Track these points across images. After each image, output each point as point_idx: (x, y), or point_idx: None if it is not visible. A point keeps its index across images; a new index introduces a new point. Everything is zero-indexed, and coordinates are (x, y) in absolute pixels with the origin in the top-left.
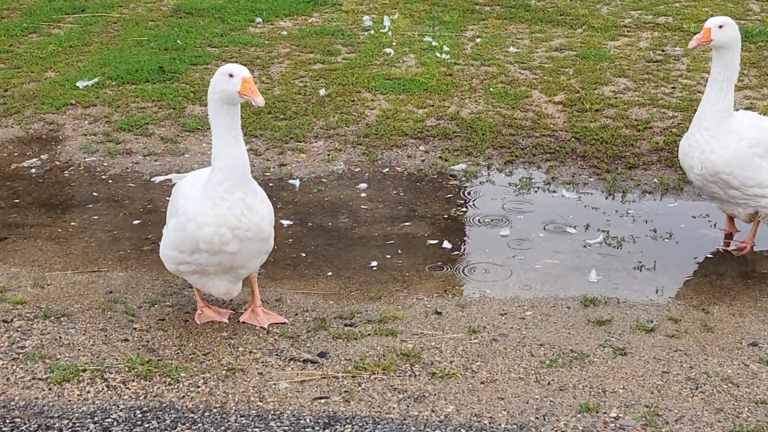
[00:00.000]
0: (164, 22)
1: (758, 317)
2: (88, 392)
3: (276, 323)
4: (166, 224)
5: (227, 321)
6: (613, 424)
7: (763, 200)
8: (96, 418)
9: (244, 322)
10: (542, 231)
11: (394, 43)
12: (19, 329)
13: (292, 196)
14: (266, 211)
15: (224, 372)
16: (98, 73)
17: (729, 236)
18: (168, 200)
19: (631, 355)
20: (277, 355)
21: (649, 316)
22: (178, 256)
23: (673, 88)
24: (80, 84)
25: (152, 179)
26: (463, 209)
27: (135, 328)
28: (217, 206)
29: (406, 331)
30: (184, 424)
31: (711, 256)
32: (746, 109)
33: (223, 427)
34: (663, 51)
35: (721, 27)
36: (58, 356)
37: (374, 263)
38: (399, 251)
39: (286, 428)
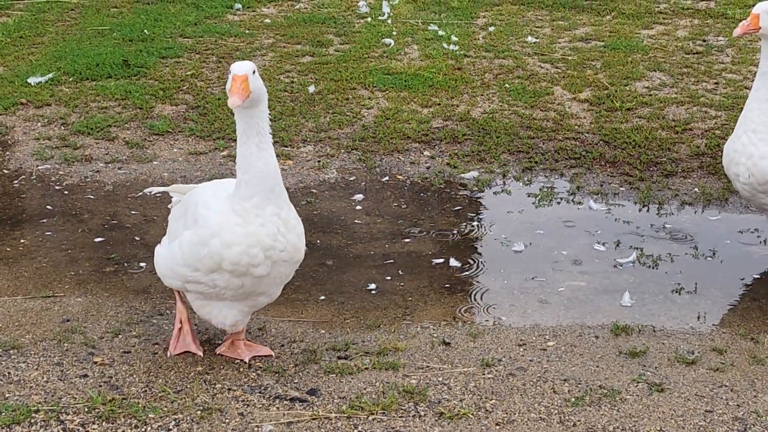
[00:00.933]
0: (129, 9)
1: None
2: None
3: (259, 356)
4: (168, 234)
5: (202, 355)
6: None
7: None
8: None
9: (221, 354)
10: (566, 248)
11: (394, 33)
12: None
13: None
14: (301, 228)
15: (199, 413)
16: (53, 67)
17: None
18: (135, 214)
19: (669, 391)
20: (260, 392)
21: (689, 346)
22: (190, 274)
23: (716, 83)
24: (32, 80)
25: (145, 191)
26: (475, 224)
27: (96, 362)
28: (249, 224)
29: (409, 365)
30: None
31: (761, 276)
32: None
33: None
34: (704, 41)
35: None
36: (7, 395)
37: (372, 286)
38: (400, 272)
39: None
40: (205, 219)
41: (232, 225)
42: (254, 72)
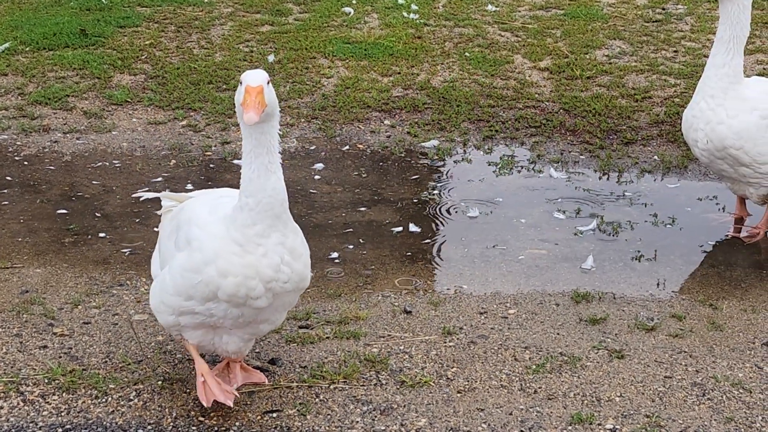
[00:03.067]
0: None
1: None
2: (1, 408)
3: (250, 383)
4: (159, 254)
5: (232, 405)
6: None
7: None
8: None
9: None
10: (527, 217)
11: (354, 1)
12: None
13: (238, 179)
14: (307, 253)
15: (160, 383)
16: (9, 37)
17: (740, 221)
18: (95, 184)
19: (629, 357)
20: (220, 362)
21: (649, 313)
22: (183, 304)
23: (676, 51)
24: None
25: (133, 195)
26: (436, 193)
27: (55, 333)
28: (249, 254)
29: (370, 334)
30: None
31: (719, 243)
32: (758, 75)
33: None
34: (663, 9)
35: None
36: None
37: (333, 255)
38: (361, 241)
39: None
40: (200, 242)
41: (229, 253)
42: (269, 82)
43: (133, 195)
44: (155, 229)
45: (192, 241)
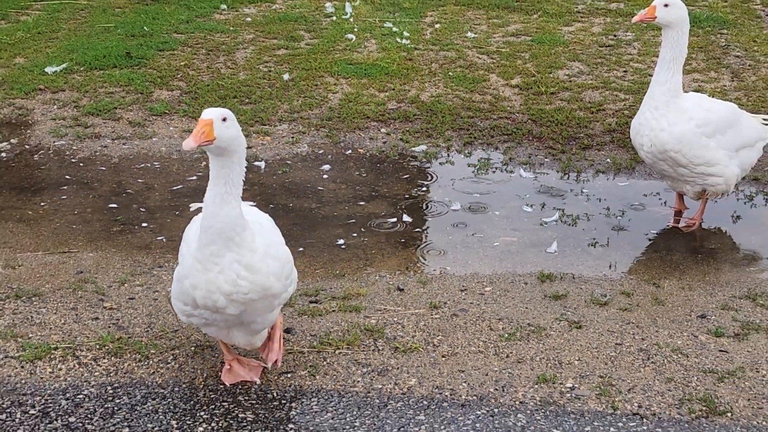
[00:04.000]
0: (131, 9)
1: (706, 290)
2: (60, 369)
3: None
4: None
5: (258, 380)
6: (569, 394)
7: (710, 178)
8: (68, 395)
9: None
10: (500, 210)
11: (355, 29)
12: None
13: (258, 178)
14: (273, 265)
15: (193, 348)
16: (66, 58)
17: (678, 213)
18: (138, 182)
19: (585, 328)
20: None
21: (602, 290)
22: (183, 307)
23: (625, 71)
24: (49, 70)
25: (190, 208)
26: (424, 189)
27: (105, 307)
28: (208, 271)
29: (369, 308)
30: (154, 399)
31: (661, 232)
32: (695, 92)
33: (192, 402)
34: (615, 36)
35: (666, 6)
36: (30, 335)
37: (338, 242)
38: (362, 230)
39: (254, 401)
40: (182, 257)
41: (195, 270)
42: (225, 119)
43: (190, 208)
44: (189, 220)
45: (180, 256)
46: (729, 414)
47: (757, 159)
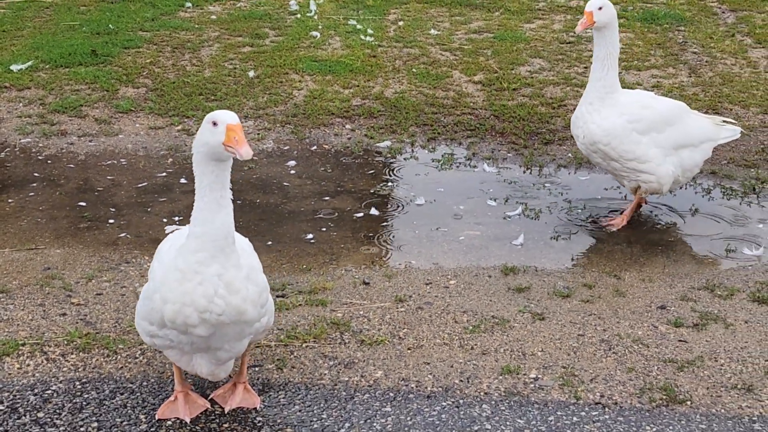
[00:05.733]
0: (96, 7)
1: (666, 282)
2: (28, 365)
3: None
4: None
5: (189, 421)
6: (532, 385)
7: (642, 175)
8: (36, 390)
9: (212, 399)
10: (465, 204)
11: (320, 27)
12: None
13: None
14: (251, 290)
15: None
16: (32, 56)
17: (638, 206)
18: (105, 179)
19: (548, 319)
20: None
21: (565, 282)
22: (148, 327)
23: (585, 67)
24: (14, 67)
25: (166, 230)
26: (389, 184)
27: (73, 303)
28: (187, 281)
29: (335, 301)
30: (122, 394)
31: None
32: (654, 87)
33: (160, 396)
34: (575, 33)
35: (600, 9)
36: None
37: (304, 237)
38: (328, 225)
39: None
40: (153, 273)
41: (171, 280)
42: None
43: (166, 230)
44: (156, 216)
45: (151, 272)
46: (689, 402)
47: (703, 160)
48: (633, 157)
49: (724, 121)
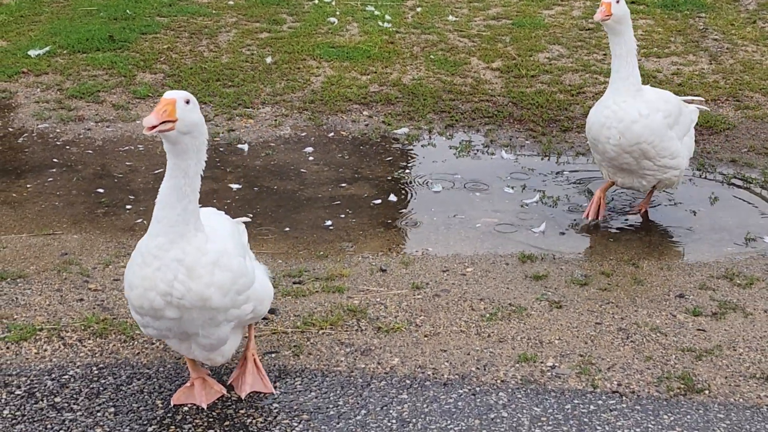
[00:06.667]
0: None
1: (685, 271)
2: (45, 350)
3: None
4: None
5: (205, 407)
6: (549, 373)
7: (669, 171)
8: (53, 375)
9: (229, 385)
10: (481, 191)
11: (337, 13)
12: None
13: (241, 161)
14: (219, 276)
15: None
16: (49, 42)
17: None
18: (122, 165)
19: (566, 307)
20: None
21: (582, 270)
22: (134, 315)
23: (605, 54)
24: (32, 53)
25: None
26: (406, 171)
27: (90, 288)
28: (147, 266)
29: (352, 288)
30: (139, 379)
31: (640, 213)
32: (674, 74)
33: (177, 382)
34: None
35: (618, 1)
36: (15, 316)
37: (322, 223)
38: (345, 211)
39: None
40: (131, 260)
41: (134, 265)
42: (188, 102)
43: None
44: None
45: None
46: (707, 392)
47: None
48: (668, 154)
49: (689, 101)
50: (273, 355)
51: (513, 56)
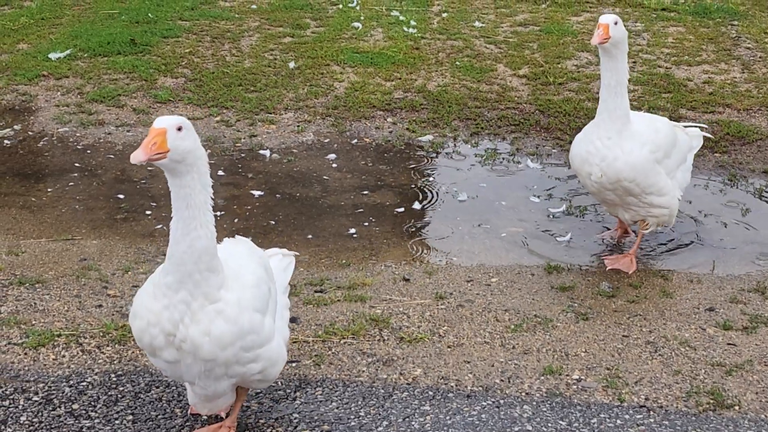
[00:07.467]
0: None
1: (715, 283)
2: (63, 357)
3: None
4: None
5: (224, 416)
6: (575, 386)
7: (654, 209)
8: (71, 382)
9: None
10: (507, 200)
11: (362, 18)
12: None
13: (263, 167)
14: (221, 328)
15: None
16: (70, 45)
17: (625, 233)
18: (142, 170)
19: (592, 319)
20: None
21: (610, 282)
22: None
23: (634, 62)
24: (52, 56)
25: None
26: (430, 179)
27: (109, 295)
28: (156, 300)
29: (374, 297)
30: (157, 387)
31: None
32: (705, 83)
33: None
34: (624, 26)
35: (616, 23)
36: (34, 322)
37: (344, 231)
38: (369, 219)
39: (258, 391)
40: (143, 287)
41: (143, 293)
42: (180, 129)
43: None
44: None
45: None
46: (737, 407)
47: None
48: (654, 190)
49: (686, 126)
50: (294, 365)
51: (540, 63)
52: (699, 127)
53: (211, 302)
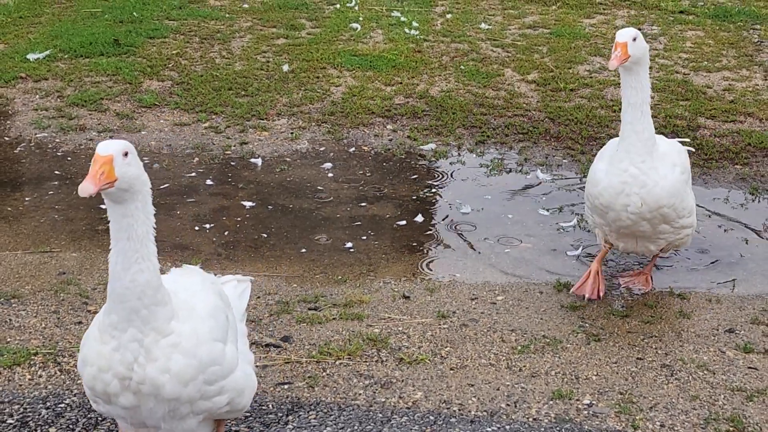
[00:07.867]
0: None
1: (735, 304)
2: (40, 376)
3: None
4: None
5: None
6: (586, 411)
7: (683, 230)
8: (48, 403)
9: None
10: (515, 213)
11: (360, 18)
12: None
13: (254, 176)
14: (179, 363)
15: None
16: (50, 45)
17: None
18: None
19: (605, 341)
20: None
21: (623, 301)
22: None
23: (650, 68)
24: (31, 57)
25: None
26: (432, 191)
27: (89, 311)
28: (104, 343)
29: (372, 316)
30: None
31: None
32: (725, 90)
33: None
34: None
35: (635, 39)
36: (8, 339)
37: (340, 245)
38: (367, 233)
39: (248, 413)
40: (89, 331)
41: (91, 339)
42: (126, 154)
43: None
44: (180, 219)
45: None
46: None
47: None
48: (686, 213)
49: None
50: (286, 387)
51: (550, 68)
52: (682, 142)
53: (164, 336)
